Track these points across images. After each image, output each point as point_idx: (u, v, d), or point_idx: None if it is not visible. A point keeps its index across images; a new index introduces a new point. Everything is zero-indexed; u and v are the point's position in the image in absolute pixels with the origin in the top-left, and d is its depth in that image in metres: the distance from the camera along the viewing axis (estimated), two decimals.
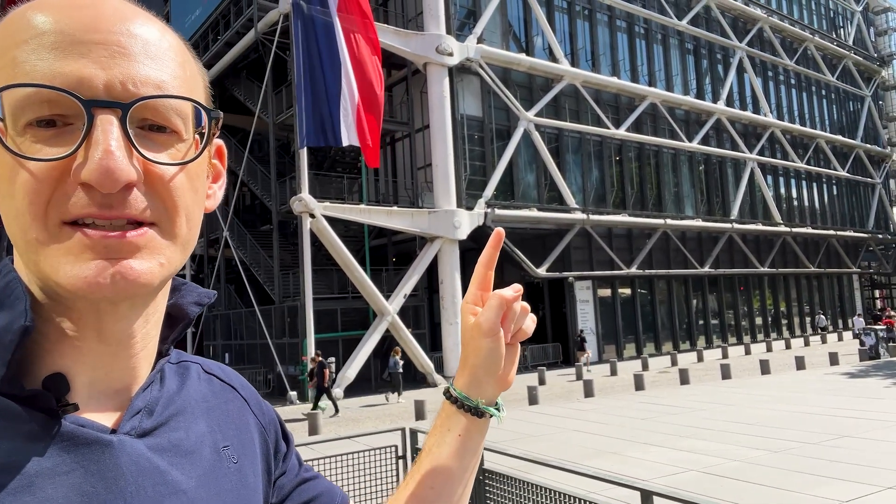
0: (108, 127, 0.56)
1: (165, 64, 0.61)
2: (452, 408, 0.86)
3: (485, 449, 5.74)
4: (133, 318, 0.64)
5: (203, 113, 0.64)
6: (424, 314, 24.84)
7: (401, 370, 19.49)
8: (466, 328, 0.85)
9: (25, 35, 0.57)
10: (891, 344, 23.43)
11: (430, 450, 0.87)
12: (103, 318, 0.61)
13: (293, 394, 20.32)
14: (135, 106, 0.57)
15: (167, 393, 0.70)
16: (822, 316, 39.21)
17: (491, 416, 0.86)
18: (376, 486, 6.53)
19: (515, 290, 0.83)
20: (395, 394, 19.31)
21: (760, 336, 35.93)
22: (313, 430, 13.52)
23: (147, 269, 0.58)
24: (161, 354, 0.72)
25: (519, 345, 0.87)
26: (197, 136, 0.64)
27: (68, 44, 0.56)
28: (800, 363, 20.93)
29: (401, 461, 6.65)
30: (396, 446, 6.71)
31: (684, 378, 18.78)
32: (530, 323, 0.86)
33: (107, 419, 0.63)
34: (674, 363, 25.25)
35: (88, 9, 0.59)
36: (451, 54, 23.97)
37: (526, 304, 0.85)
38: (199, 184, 0.65)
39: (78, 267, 0.56)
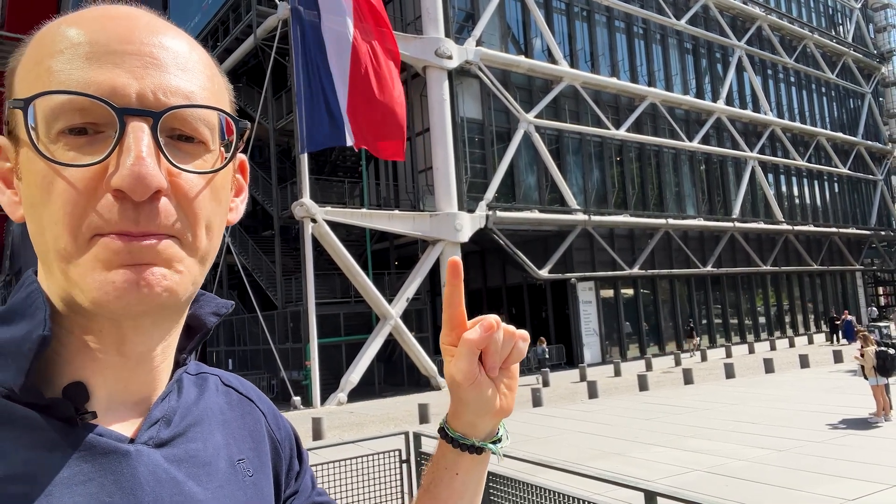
0: (140, 134, 0.57)
1: (195, 76, 0.62)
2: (448, 446, 0.81)
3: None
4: (156, 335, 0.64)
5: (229, 125, 0.65)
6: (427, 317, 24.83)
7: (547, 356, 23.49)
8: (447, 373, 0.79)
9: (60, 46, 0.58)
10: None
11: (428, 489, 0.83)
12: (125, 333, 0.61)
13: (297, 399, 20.33)
14: (165, 115, 0.58)
15: (185, 403, 0.70)
16: (873, 308, 39.15)
17: (492, 451, 0.82)
18: (381, 490, 6.53)
19: (486, 326, 0.75)
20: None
21: (764, 335, 35.84)
22: (317, 434, 13.52)
23: (170, 276, 0.59)
24: (178, 364, 0.73)
25: (517, 365, 0.81)
26: (222, 148, 0.65)
27: (102, 54, 0.57)
28: (804, 361, 20.88)
29: (404, 465, 6.65)
30: (400, 450, 6.71)
31: (688, 378, 18.75)
32: (522, 345, 0.78)
33: (125, 428, 0.63)
34: (677, 363, 25.20)
35: (122, 20, 0.60)
36: (450, 57, 24.00)
37: (511, 328, 0.78)
38: (223, 196, 0.66)
39: (106, 275, 0.56)
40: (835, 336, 31.31)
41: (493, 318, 0.76)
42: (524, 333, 0.79)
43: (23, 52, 0.61)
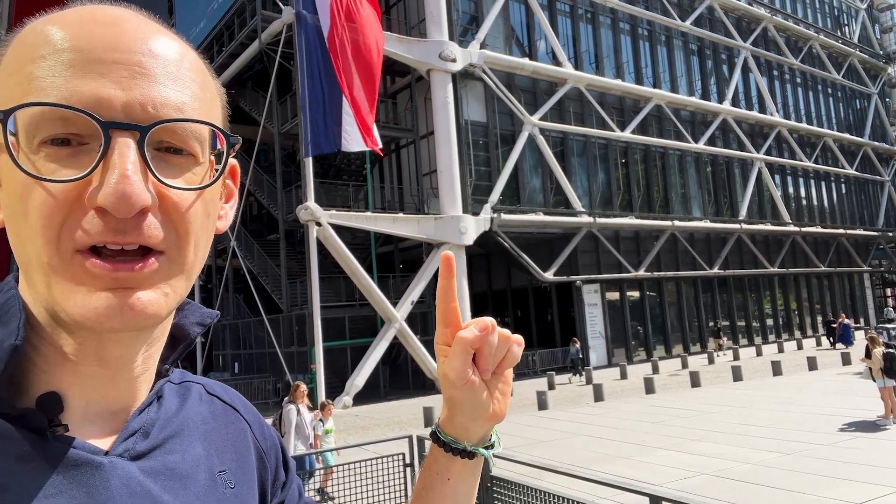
0: (126, 150, 0.54)
1: (186, 85, 0.60)
2: (440, 450, 0.80)
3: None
4: (136, 346, 0.63)
5: (219, 136, 0.63)
6: (432, 321, 24.77)
7: (580, 356, 24.37)
8: (440, 373, 0.78)
9: (43, 50, 0.55)
10: None
11: (420, 494, 0.82)
12: (105, 345, 0.60)
13: None
14: (153, 129, 0.56)
15: (164, 414, 0.69)
16: (891, 309, 38.81)
17: (484, 456, 0.81)
18: (385, 493, 6.51)
19: (481, 327, 0.74)
20: (577, 375, 23.44)
21: (772, 337, 35.65)
22: None
23: (154, 301, 0.57)
24: (161, 374, 0.71)
25: (511, 371, 0.79)
26: (212, 159, 0.63)
27: (87, 62, 0.55)
28: (812, 364, 20.76)
29: (408, 469, 6.64)
30: (404, 454, 6.70)
31: (695, 381, 18.65)
32: (516, 349, 0.77)
33: (101, 440, 0.62)
34: (684, 366, 25.10)
35: (110, 27, 0.57)
36: (454, 60, 24.01)
37: (506, 332, 0.77)
38: (212, 208, 0.64)
39: (89, 298, 0.55)
40: (830, 339, 30.36)
41: (488, 319, 0.75)
42: (519, 338, 0.77)
43: (3, 52, 0.58)
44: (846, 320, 30.14)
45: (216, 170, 0.63)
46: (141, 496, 0.60)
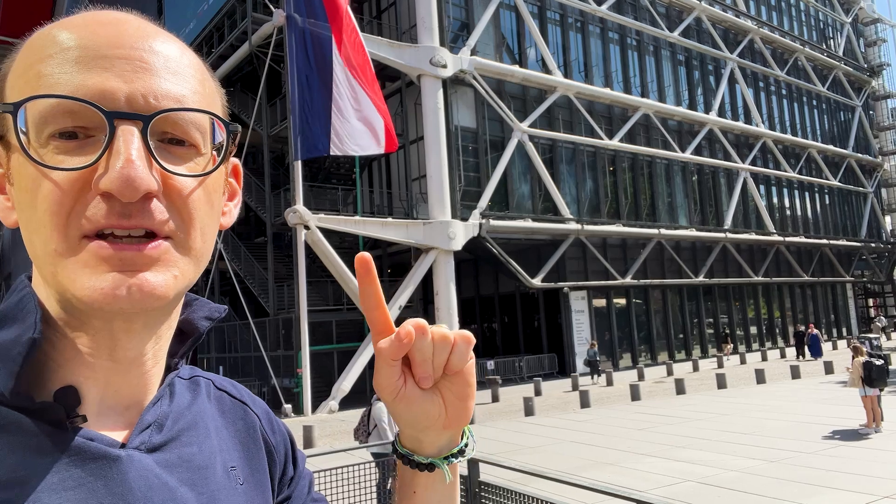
0: (129, 137, 0.56)
1: (186, 79, 0.62)
2: (401, 463, 0.76)
3: (480, 461, 5.70)
4: (147, 337, 0.64)
5: (220, 128, 0.65)
6: None
7: (598, 359, 24.92)
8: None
9: (50, 50, 0.58)
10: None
11: None
12: (117, 336, 0.61)
13: (288, 406, 20.21)
14: (155, 118, 0.58)
15: (177, 407, 0.70)
16: (882, 317, 39.10)
17: (440, 468, 0.74)
18: (371, 500, 6.48)
19: (400, 336, 0.66)
20: (595, 377, 24.10)
21: (755, 345, 35.96)
22: (308, 442, 13.45)
23: (162, 282, 0.58)
24: (170, 369, 0.72)
25: (472, 368, 0.70)
26: (214, 152, 0.65)
27: (91, 58, 0.58)
28: (795, 372, 20.95)
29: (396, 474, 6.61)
30: (392, 459, 6.66)
31: (680, 388, 18.77)
32: (463, 347, 0.68)
33: (117, 433, 0.63)
34: (669, 373, 25.24)
35: (112, 26, 0.60)
36: (444, 66, 24.08)
37: (443, 331, 0.68)
38: (215, 199, 0.66)
39: (95, 279, 0.56)
40: (802, 350, 29.84)
41: (413, 322, 0.67)
42: (466, 334, 0.69)
43: (13, 57, 0.61)
44: (814, 331, 30.22)
45: (218, 160, 0.65)
46: (158, 488, 0.61)
